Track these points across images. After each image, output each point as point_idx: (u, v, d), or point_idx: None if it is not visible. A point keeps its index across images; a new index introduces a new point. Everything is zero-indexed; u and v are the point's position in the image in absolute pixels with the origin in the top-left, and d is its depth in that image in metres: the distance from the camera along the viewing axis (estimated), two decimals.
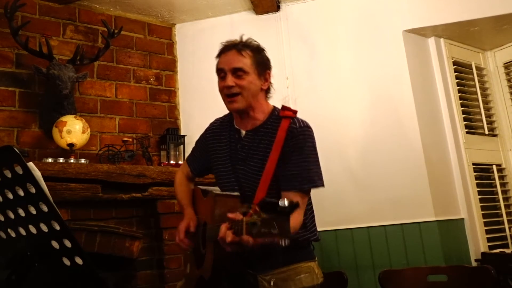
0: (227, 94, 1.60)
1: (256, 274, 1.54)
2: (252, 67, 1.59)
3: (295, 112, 1.62)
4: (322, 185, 1.55)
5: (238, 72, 1.57)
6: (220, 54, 1.65)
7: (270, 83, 1.68)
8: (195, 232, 1.66)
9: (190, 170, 1.91)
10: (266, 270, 1.54)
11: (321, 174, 1.57)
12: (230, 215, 1.27)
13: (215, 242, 1.41)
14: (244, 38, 1.66)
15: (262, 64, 1.64)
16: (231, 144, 1.68)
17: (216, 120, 1.85)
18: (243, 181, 1.60)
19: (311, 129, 1.60)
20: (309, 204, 1.64)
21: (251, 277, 1.54)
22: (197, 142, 1.91)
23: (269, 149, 1.55)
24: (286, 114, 1.60)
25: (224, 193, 1.59)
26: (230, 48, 1.63)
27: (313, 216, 1.66)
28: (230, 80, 1.58)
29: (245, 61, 1.59)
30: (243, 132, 1.66)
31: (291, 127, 1.55)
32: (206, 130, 1.86)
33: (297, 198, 1.47)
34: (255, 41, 1.67)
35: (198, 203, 1.77)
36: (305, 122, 1.60)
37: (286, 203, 1.06)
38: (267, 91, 1.68)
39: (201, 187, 1.80)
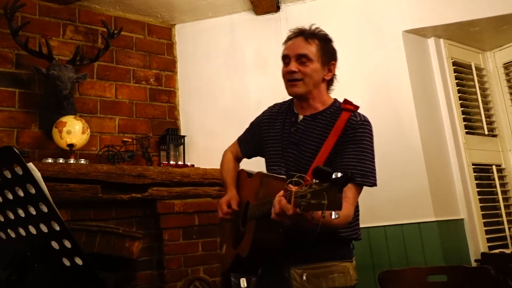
0: (289, 79, 1.59)
1: (289, 266, 1.52)
2: (317, 56, 1.58)
3: (356, 107, 1.60)
4: (375, 184, 1.51)
5: (302, 58, 1.57)
6: (286, 41, 1.65)
7: (334, 75, 1.66)
8: (237, 210, 1.65)
9: (240, 151, 1.89)
10: (300, 263, 1.51)
11: (375, 172, 1.52)
12: (290, 186, 1.23)
13: (257, 220, 1.42)
14: (313, 27, 1.64)
15: (328, 54, 1.62)
16: (285, 127, 1.67)
17: (275, 104, 1.82)
18: (292, 165, 1.58)
19: (371, 125, 1.57)
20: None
21: (284, 268, 1.53)
22: (252, 123, 1.88)
23: (323, 136, 1.54)
24: (347, 107, 1.59)
25: (271, 174, 1.58)
26: (297, 35, 1.62)
27: (358, 214, 1.62)
28: (293, 66, 1.57)
29: (311, 49, 1.58)
30: (301, 116, 1.65)
31: (351, 119, 1.54)
32: (264, 112, 1.83)
33: (350, 191, 1.44)
34: (323, 31, 1.65)
35: (242, 184, 1.76)
36: (366, 117, 1.58)
37: (339, 174, 1.03)
38: (329, 82, 1.67)
39: (246, 169, 1.79)
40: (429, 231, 2.83)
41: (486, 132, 3.41)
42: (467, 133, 3.26)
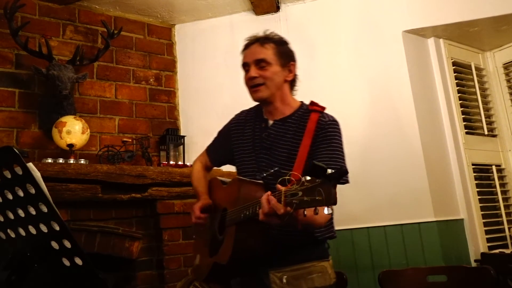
0: (251, 85, 1.62)
1: (268, 270, 1.52)
2: (275, 58, 1.62)
3: (323, 108, 1.63)
4: (348, 181, 1.53)
5: (261, 63, 1.60)
6: (244, 50, 1.68)
7: (295, 75, 1.69)
8: (211, 216, 1.65)
9: (209, 160, 1.90)
10: (278, 266, 1.52)
11: (347, 169, 1.54)
12: (279, 186, 1.22)
13: (238, 224, 1.41)
14: (267, 32, 1.69)
15: (286, 56, 1.65)
16: (255, 133, 1.68)
17: (242, 111, 1.84)
18: (266, 170, 1.58)
19: (339, 124, 1.60)
20: None
21: (262, 272, 1.53)
22: (220, 132, 1.89)
23: (295, 139, 1.56)
24: (315, 108, 1.61)
25: (249, 179, 1.58)
26: (253, 42, 1.66)
27: (332, 213, 1.62)
28: (254, 71, 1.60)
29: (268, 53, 1.62)
30: (271, 121, 1.67)
31: (320, 120, 1.57)
32: (231, 120, 1.85)
33: None
34: (278, 35, 1.70)
35: (216, 191, 1.76)
36: (334, 117, 1.61)
37: (330, 170, 1.03)
38: (292, 83, 1.69)
39: (219, 178, 1.80)
40: (429, 231, 2.83)
41: (486, 132, 3.41)
42: (467, 133, 3.26)
